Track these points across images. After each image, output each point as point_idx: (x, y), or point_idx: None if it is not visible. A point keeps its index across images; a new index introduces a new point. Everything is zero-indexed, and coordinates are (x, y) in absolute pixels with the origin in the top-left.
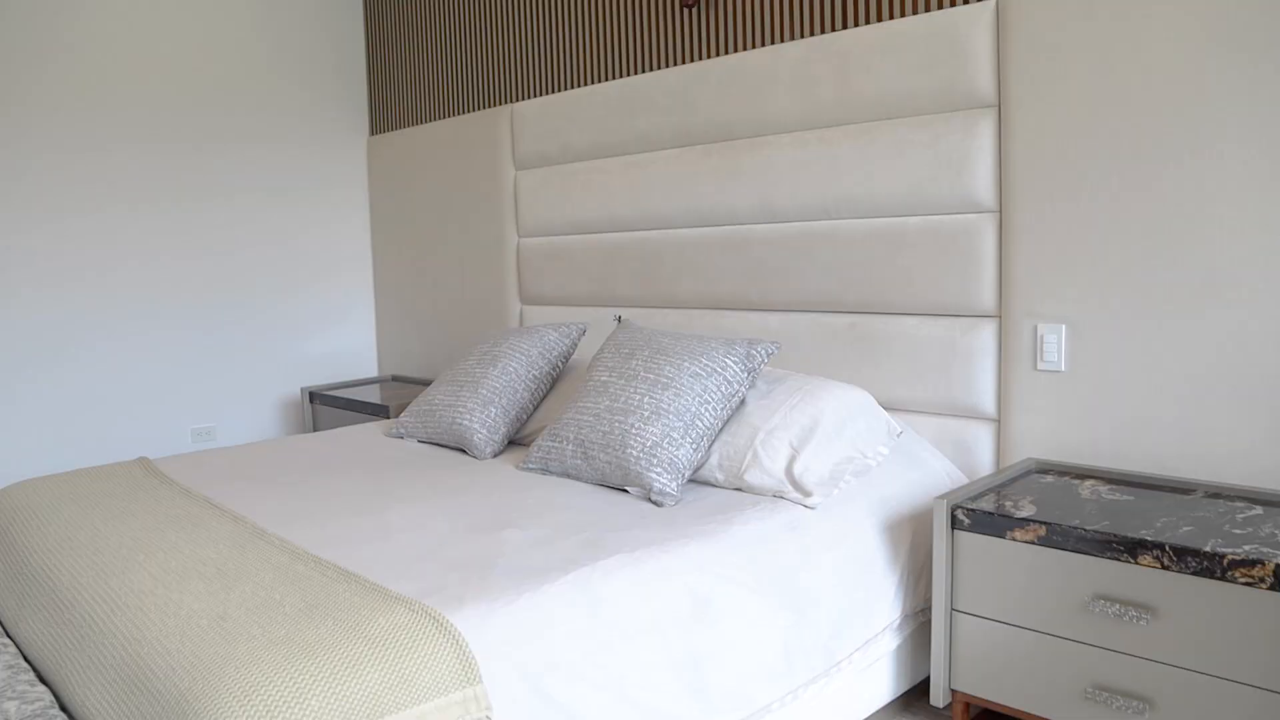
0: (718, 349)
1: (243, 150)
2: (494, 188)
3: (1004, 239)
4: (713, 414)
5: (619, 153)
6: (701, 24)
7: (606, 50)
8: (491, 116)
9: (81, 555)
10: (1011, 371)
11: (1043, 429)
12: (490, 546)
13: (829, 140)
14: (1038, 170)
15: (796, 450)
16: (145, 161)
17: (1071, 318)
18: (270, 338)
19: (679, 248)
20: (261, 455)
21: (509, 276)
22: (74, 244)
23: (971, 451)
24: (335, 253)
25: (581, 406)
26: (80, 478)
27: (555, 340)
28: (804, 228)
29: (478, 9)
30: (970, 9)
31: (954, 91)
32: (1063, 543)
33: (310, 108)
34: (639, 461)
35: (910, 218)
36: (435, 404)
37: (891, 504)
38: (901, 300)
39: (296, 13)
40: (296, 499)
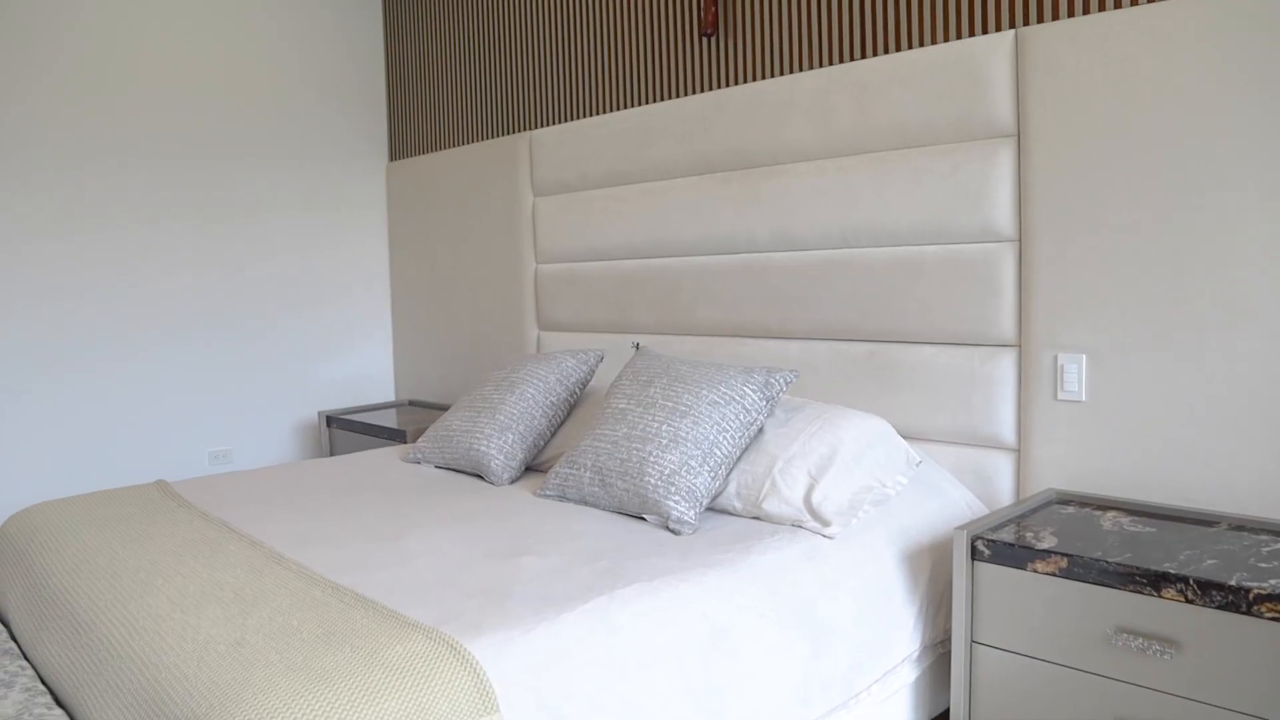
0: (736, 377)
1: (263, 175)
2: (512, 214)
3: (1024, 268)
4: (731, 442)
5: (637, 180)
6: (720, 53)
7: (625, 78)
8: (510, 143)
9: (100, 578)
10: (1031, 401)
11: (1063, 459)
12: (508, 573)
13: (847, 169)
14: (1058, 200)
15: (815, 479)
16: (167, 184)
17: (1092, 347)
18: (288, 361)
19: (697, 275)
20: (279, 479)
21: (526, 302)
22: (94, 266)
23: (991, 481)
24: (353, 277)
25: (599, 434)
26: (98, 500)
27: (573, 367)
28: (822, 256)
29: (497, 37)
30: (989, 39)
31: (973, 121)
32: (1084, 575)
33: (330, 134)
34: (657, 489)
35: (929, 246)
36: (452, 429)
37: (911, 534)
38: (920, 329)
39: (318, 40)
40: (313, 523)
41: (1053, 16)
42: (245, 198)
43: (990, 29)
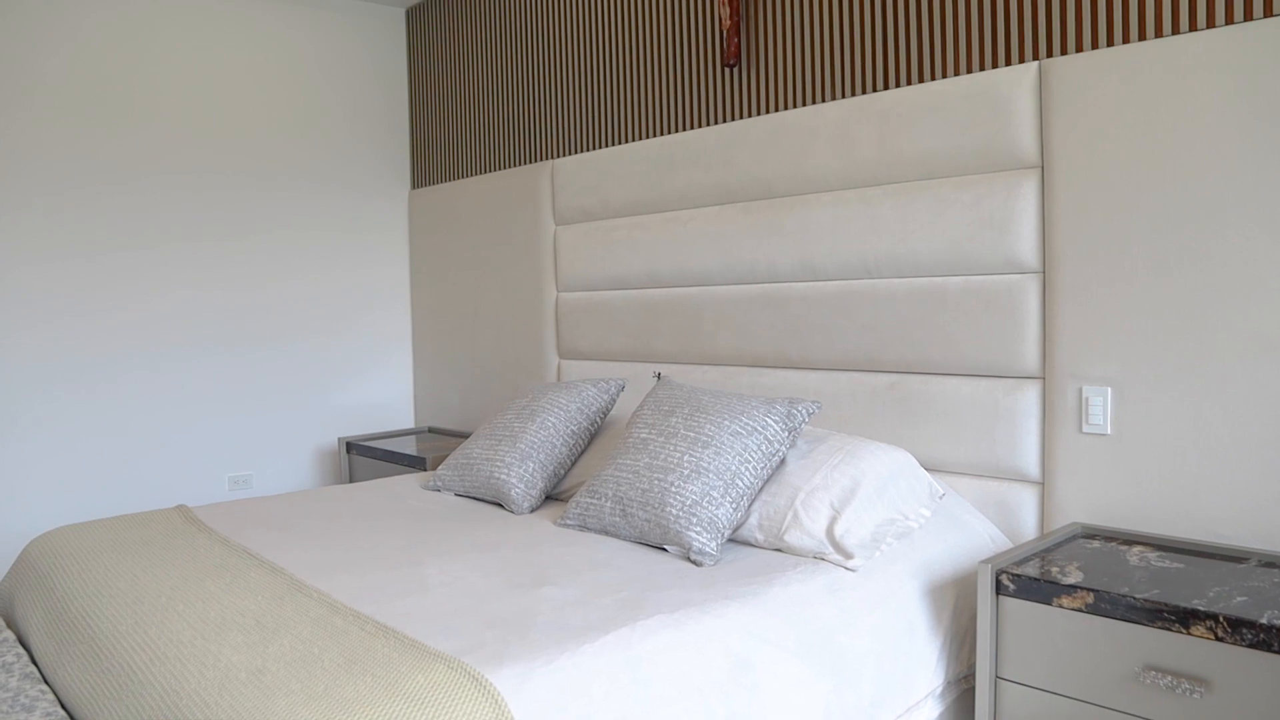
0: (758, 408)
1: (286, 203)
2: (533, 242)
3: (1047, 300)
4: (753, 473)
5: (659, 209)
6: (743, 83)
7: (648, 108)
8: (532, 172)
9: (121, 603)
10: (1056, 434)
11: (1088, 493)
12: (529, 604)
13: (869, 199)
14: (1082, 231)
15: (837, 511)
16: (191, 209)
17: (1117, 380)
18: (308, 387)
19: (718, 304)
20: (299, 505)
21: (547, 330)
22: (117, 290)
23: (1015, 515)
24: (374, 304)
25: (620, 463)
26: (120, 524)
27: (594, 396)
28: (844, 286)
29: (520, 66)
30: (1012, 71)
31: (996, 152)
32: (1111, 611)
33: (353, 162)
34: (678, 520)
35: (952, 277)
36: (473, 457)
37: (934, 567)
38: (943, 360)
39: (342, 68)
40: (334, 550)
41: (1076, 49)
42: (269, 225)
43: (1014, 61)
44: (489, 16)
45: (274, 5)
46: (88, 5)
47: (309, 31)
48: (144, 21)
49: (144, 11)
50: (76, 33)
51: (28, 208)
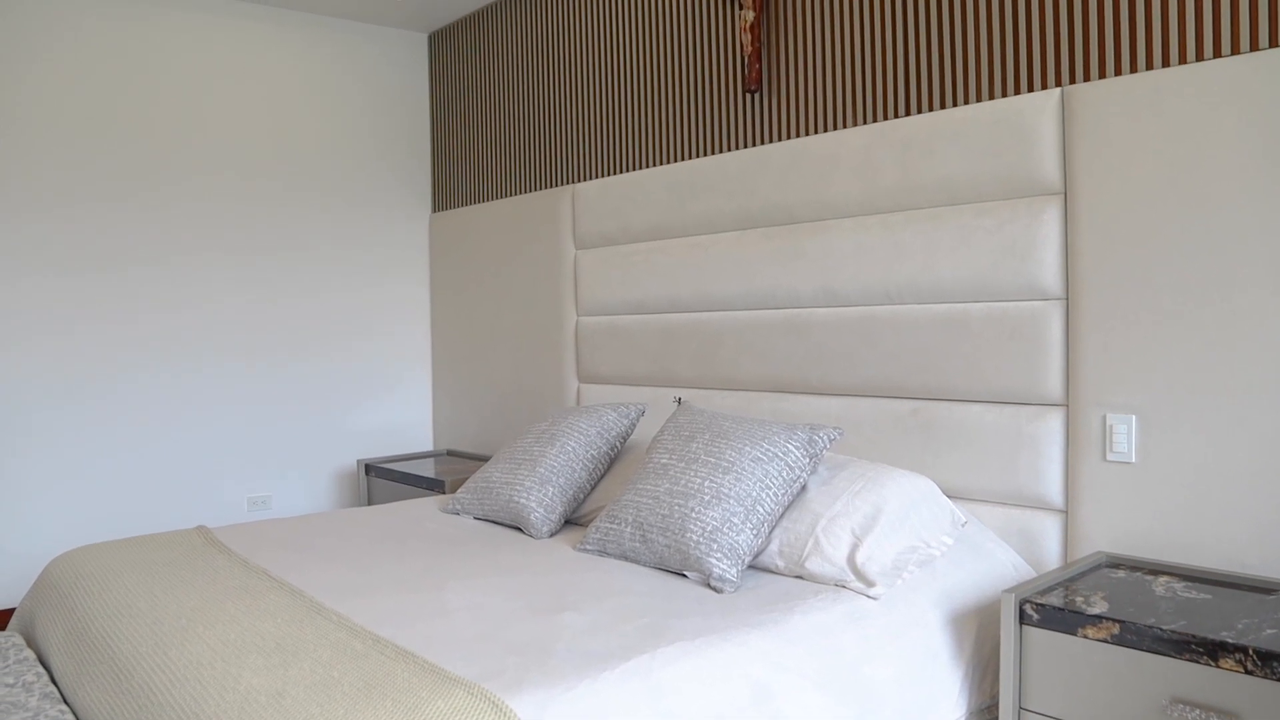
0: (780, 433)
1: (308, 226)
2: (554, 266)
3: (1071, 327)
4: (774, 499)
5: (680, 234)
6: (764, 109)
7: (669, 133)
8: (553, 196)
9: (141, 624)
10: (1080, 462)
11: (1113, 522)
12: (549, 629)
13: (891, 225)
14: (1106, 258)
15: (859, 539)
16: (212, 229)
17: (1142, 408)
18: (328, 409)
19: (739, 330)
20: (319, 527)
21: (567, 354)
22: (140, 312)
23: (1038, 543)
24: (394, 327)
25: (641, 489)
26: (140, 545)
27: (614, 420)
28: (866, 312)
29: (541, 92)
30: (1035, 97)
31: (1019, 179)
32: (1137, 642)
33: (375, 186)
34: (699, 546)
35: (974, 304)
36: (492, 481)
37: (956, 596)
38: (965, 387)
39: (364, 92)
40: (354, 573)
41: (1100, 75)
42: (290, 248)
43: (1036, 87)
44: (510, 42)
45: (301, 29)
46: (122, 27)
47: (334, 55)
48: (175, 42)
49: (176, 33)
50: (107, 52)
51: (53, 223)
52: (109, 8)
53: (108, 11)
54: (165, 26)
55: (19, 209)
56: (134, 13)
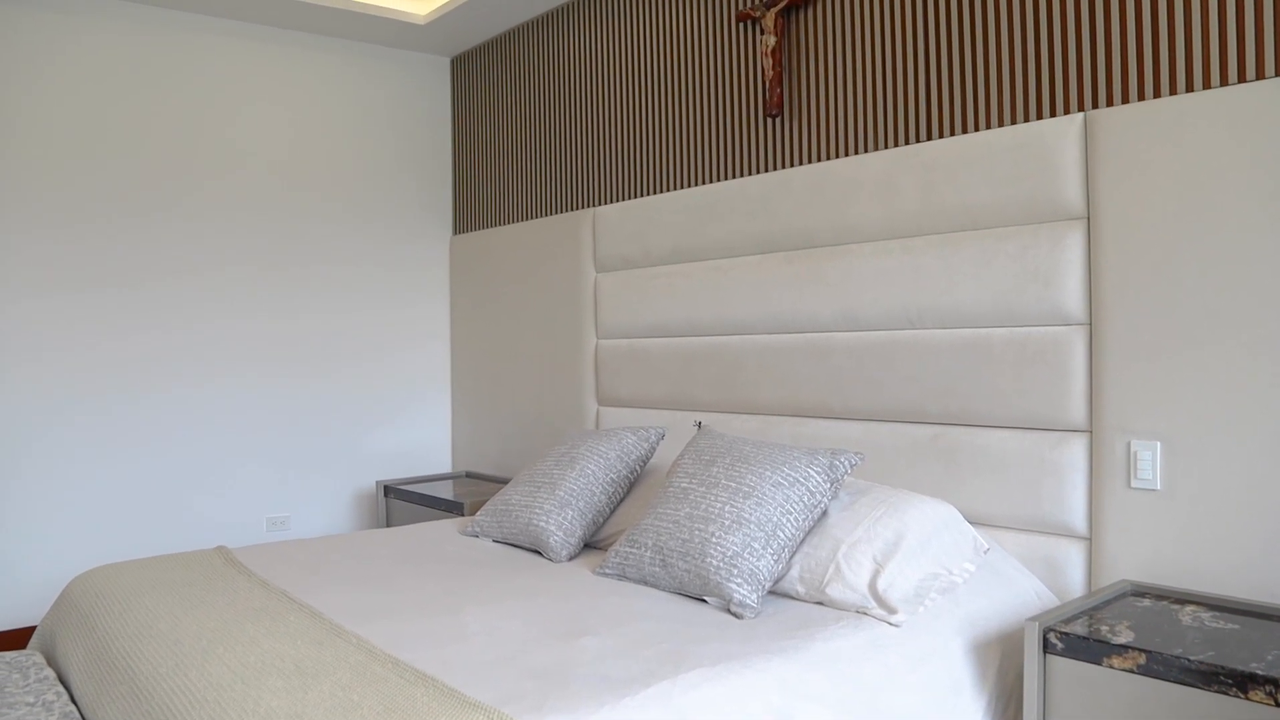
0: (800, 458)
1: (329, 248)
2: (574, 289)
3: (1094, 352)
4: (794, 525)
5: (700, 258)
6: (785, 134)
7: (690, 157)
8: (573, 219)
9: (161, 644)
10: (1104, 489)
11: (1138, 550)
12: (568, 654)
13: (913, 249)
14: (1130, 283)
15: (880, 565)
16: (235, 251)
17: (1167, 434)
18: (347, 430)
19: (759, 353)
20: (338, 549)
21: (586, 377)
22: (160, 332)
23: (1062, 571)
24: (414, 348)
25: (661, 513)
26: (161, 564)
27: (633, 444)
28: (886, 336)
29: (562, 115)
30: (1057, 122)
31: (1041, 203)
32: (1164, 673)
33: (396, 207)
34: (719, 571)
35: (996, 329)
36: (512, 504)
37: (979, 624)
38: (987, 412)
39: (387, 115)
40: (373, 595)
41: (1123, 100)
42: (312, 268)
43: (1059, 112)
44: (532, 65)
45: (327, 53)
46: (156, 50)
47: (358, 78)
48: (203, 64)
49: (205, 56)
50: (140, 74)
51: (74, 239)
52: (146, 31)
53: (143, 35)
54: (196, 49)
55: (39, 225)
56: (168, 37)
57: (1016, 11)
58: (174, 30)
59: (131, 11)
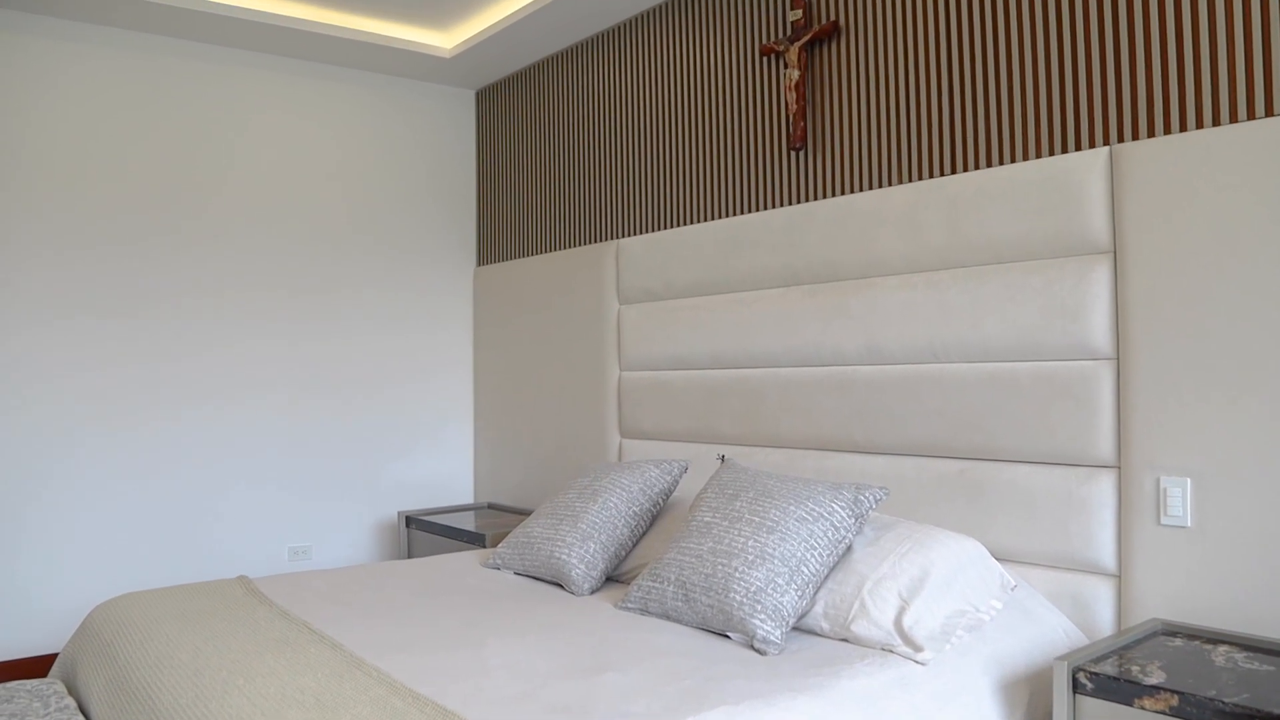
0: (825, 493)
1: (353, 278)
2: (597, 320)
3: (1122, 387)
4: (819, 560)
5: (723, 290)
6: (809, 167)
7: (713, 190)
8: (596, 251)
9: (182, 675)
10: (1133, 525)
11: (1169, 588)
12: (590, 690)
13: (937, 283)
14: (1158, 317)
15: (906, 601)
16: (257, 281)
17: (1197, 470)
18: (369, 459)
19: (782, 386)
20: (359, 580)
21: (609, 409)
22: (182, 360)
23: (1090, 609)
24: (436, 378)
25: (684, 547)
26: (181, 594)
27: (656, 477)
28: (911, 370)
29: (586, 147)
30: (1083, 156)
31: (1067, 237)
32: (1198, 715)
33: (421, 238)
34: (742, 607)
35: (1022, 363)
36: (533, 536)
37: (1006, 662)
38: (1013, 447)
39: (414, 145)
40: (394, 628)
41: (1149, 133)
42: (334, 299)
43: (1084, 145)
44: (557, 98)
45: (354, 86)
46: (187, 82)
47: (385, 110)
48: (232, 96)
49: (235, 87)
50: (169, 103)
51: (95, 266)
52: (180, 64)
53: (178, 68)
54: (227, 81)
55: (62, 250)
56: (202, 70)
57: (1041, 45)
58: (208, 63)
59: (163, 45)
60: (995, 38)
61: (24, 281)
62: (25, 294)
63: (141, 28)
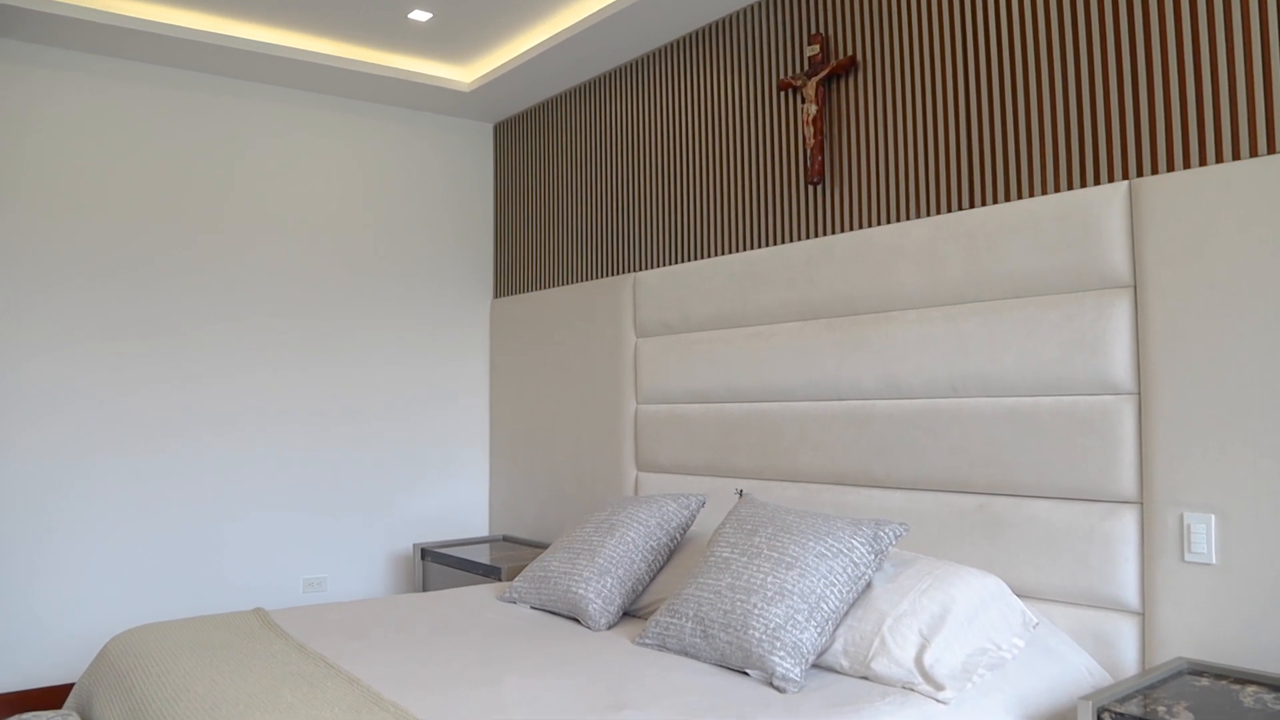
0: (844, 529)
1: (370, 308)
2: (614, 353)
3: (1144, 422)
4: (838, 597)
5: (740, 324)
6: (826, 201)
7: (731, 224)
8: (614, 284)
9: (198, 708)
10: (1156, 562)
11: (1193, 626)
12: None
13: (956, 317)
14: (1179, 351)
15: (927, 639)
16: (274, 313)
17: (1221, 506)
18: (384, 491)
19: (799, 420)
20: (375, 613)
21: (625, 442)
22: (198, 392)
23: (1113, 647)
24: (452, 410)
25: (702, 583)
26: (198, 626)
27: (674, 511)
28: (929, 405)
29: (604, 181)
30: (1102, 190)
31: (1087, 271)
32: None
33: (438, 270)
34: (761, 644)
35: (1043, 397)
36: (550, 570)
37: (1029, 702)
38: (1034, 482)
39: (432, 177)
40: (411, 663)
41: (1168, 168)
42: (352, 331)
43: (1103, 180)
44: (574, 131)
45: (375, 119)
46: (207, 113)
47: (404, 142)
48: (254, 128)
49: (257, 120)
50: (193, 137)
51: (106, 296)
52: (203, 97)
53: (200, 101)
54: (252, 113)
55: (80, 279)
56: (224, 103)
57: (1059, 79)
58: (237, 96)
59: (194, 80)
60: (1013, 72)
61: (41, 309)
62: (44, 321)
63: (174, 64)
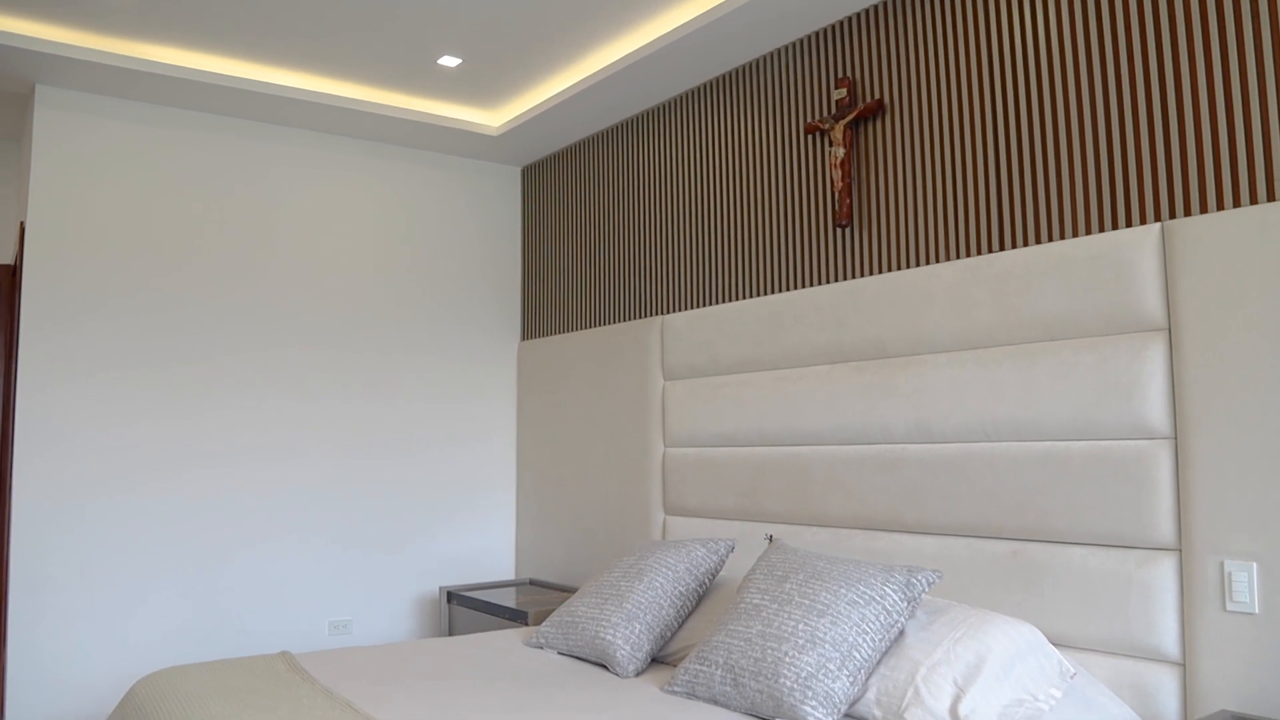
0: (876, 575)
1: (398, 350)
2: (641, 396)
3: (1181, 467)
4: (871, 645)
5: (769, 367)
6: (855, 243)
7: (759, 267)
8: (641, 327)
9: None
10: (1197, 611)
11: (1236, 677)
12: None
13: (987, 361)
14: (1217, 395)
15: (962, 689)
16: (303, 355)
17: (1264, 555)
18: (410, 534)
19: (829, 465)
20: (401, 657)
21: (653, 486)
22: (227, 433)
23: (1153, 698)
24: (480, 453)
25: (732, 630)
26: (224, 669)
27: (703, 556)
28: (961, 449)
29: (632, 224)
30: (1134, 232)
31: (1120, 314)
32: None
33: (466, 313)
34: (793, 693)
35: (1076, 441)
36: (578, 616)
37: None
38: (1068, 528)
39: (461, 220)
40: (438, 709)
41: (1201, 209)
42: (379, 375)
43: (1135, 222)
44: (602, 175)
45: (404, 163)
46: (243, 156)
47: (433, 186)
48: (289, 170)
49: (288, 162)
50: (229, 178)
51: (136, 333)
52: (238, 141)
53: (235, 145)
54: (281, 158)
55: (120, 318)
56: (260, 147)
57: (1089, 121)
58: (265, 140)
59: (219, 124)
60: (1042, 113)
61: (75, 344)
62: (68, 356)
63: (209, 109)
